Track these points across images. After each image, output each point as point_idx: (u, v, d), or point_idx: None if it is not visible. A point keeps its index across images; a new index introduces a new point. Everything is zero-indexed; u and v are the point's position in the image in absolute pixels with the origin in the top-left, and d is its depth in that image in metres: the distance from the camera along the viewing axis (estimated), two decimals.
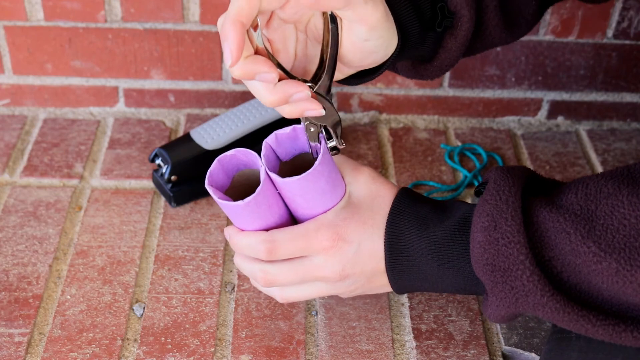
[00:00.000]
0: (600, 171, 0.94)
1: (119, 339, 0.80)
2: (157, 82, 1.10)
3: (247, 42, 0.58)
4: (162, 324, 0.81)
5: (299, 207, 0.69)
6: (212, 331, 0.81)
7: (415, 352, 0.79)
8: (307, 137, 0.66)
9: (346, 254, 0.68)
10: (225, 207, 0.67)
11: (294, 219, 0.72)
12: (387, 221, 0.68)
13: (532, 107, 1.13)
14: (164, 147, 0.96)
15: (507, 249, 0.60)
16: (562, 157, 1.08)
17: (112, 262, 0.88)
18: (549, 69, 1.10)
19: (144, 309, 0.83)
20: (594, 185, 0.60)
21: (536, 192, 0.65)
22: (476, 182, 1.02)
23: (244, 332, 0.81)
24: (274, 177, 0.65)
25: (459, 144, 1.09)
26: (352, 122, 1.13)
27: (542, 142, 1.10)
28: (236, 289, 0.86)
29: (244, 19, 0.57)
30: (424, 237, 0.66)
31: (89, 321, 0.81)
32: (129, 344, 0.79)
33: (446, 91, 1.12)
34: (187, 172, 0.94)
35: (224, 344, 0.80)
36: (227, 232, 0.71)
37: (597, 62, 1.09)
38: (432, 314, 0.83)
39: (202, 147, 0.95)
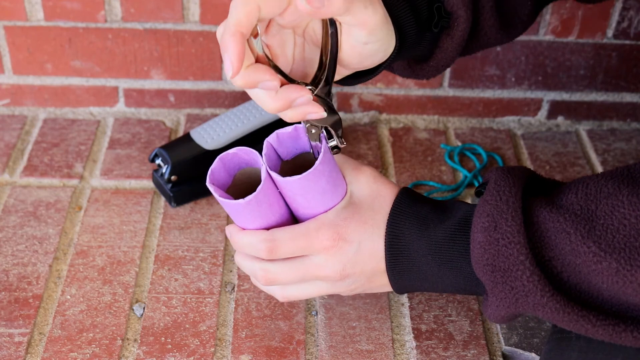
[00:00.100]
0: (600, 171, 0.94)
1: (119, 339, 0.80)
2: (157, 82, 1.10)
3: (248, 51, 0.59)
4: (162, 324, 0.81)
5: (300, 207, 0.69)
6: (212, 331, 0.81)
7: (415, 352, 0.79)
8: (308, 137, 0.66)
9: (346, 254, 0.68)
10: (226, 205, 0.67)
11: (294, 218, 0.72)
12: (387, 221, 0.68)
13: (532, 107, 1.13)
14: (164, 147, 0.96)
15: (507, 249, 0.60)
16: (562, 157, 1.08)
17: (112, 262, 0.88)
18: (549, 69, 1.10)
19: (144, 309, 0.83)
20: (594, 185, 0.60)
21: (536, 193, 0.65)
22: (476, 182, 1.02)
23: (244, 332, 0.81)
24: (275, 176, 0.65)
25: (459, 144, 1.09)
26: (352, 122, 1.13)
27: (542, 142, 1.10)
28: (236, 289, 0.86)
29: (244, 29, 0.57)
30: (425, 237, 0.66)
31: (89, 321, 0.81)
32: (129, 344, 0.79)
33: (446, 91, 1.12)
34: (187, 172, 0.94)
35: (224, 344, 0.80)
36: (228, 231, 0.71)
37: (597, 62, 1.09)
38: (432, 314, 0.83)
39: (202, 147, 0.95)
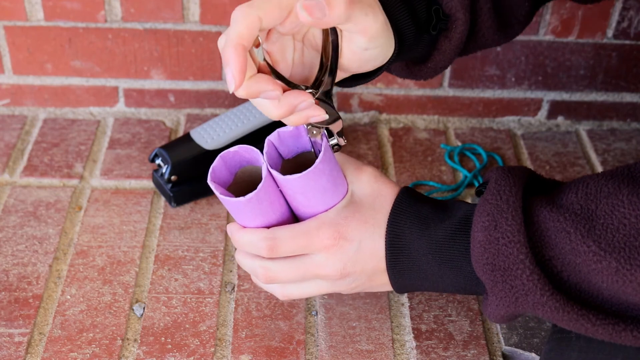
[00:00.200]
0: (600, 171, 0.94)
1: (119, 339, 0.80)
2: (157, 82, 1.10)
3: (250, 61, 0.59)
4: (162, 324, 0.81)
5: (301, 205, 0.69)
6: (212, 331, 0.81)
7: (415, 352, 0.79)
8: (309, 138, 0.66)
9: (347, 253, 0.68)
10: (227, 203, 0.67)
11: (295, 216, 0.72)
12: (388, 220, 0.68)
13: (532, 107, 1.13)
14: (164, 147, 0.96)
15: (507, 248, 0.60)
16: (562, 157, 1.08)
17: (112, 262, 0.88)
18: (549, 69, 1.10)
19: (144, 309, 0.83)
20: (594, 184, 0.60)
21: (537, 192, 0.65)
22: (476, 182, 1.02)
23: (244, 332, 0.81)
24: (276, 174, 0.65)
25: (459, 144, 1.09)
26: (352, 122, 1.13)
27: (542, 142, 1.10)
28: (236, 289, 0.86)
29: (245, 41, 0.57)
30: (425, 236, 0.66)
31: (89, 321, 0.81)
32: (129, 344, 0.79)
33: (446, 91, 1.12)
34: (187, 172, 0.94)
35: (224, 344, 0.80)
36: (229, 229, 0.71)
37: (597, 62, 1.09)
38: (432, 314, 0.83)
39: (202, 147, 0.95)
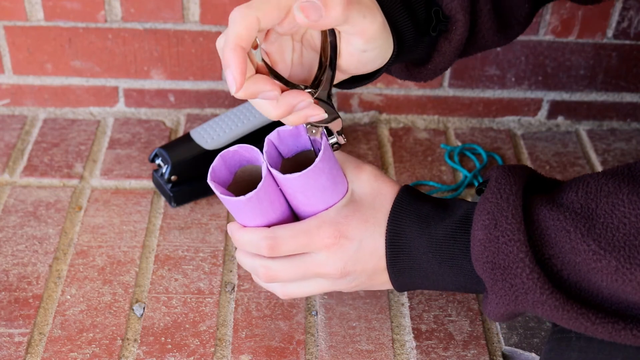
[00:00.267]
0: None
1: (119, 339, 0.80)
2: (157, 82, 1.10)
3: (248, 62, 0.59)
4: (162, 324, 0.81)
5: (301, 204, 0.69)
6: (212, 331, 0.81)
7: (415, 352, 0.79)
8: (309, 137, 0.66)
9: (347, 252, 0.68)
10: (227, 202, 0.67)
11: (295, 215, 0.72)
12: (388, 219, 0.68)
13: (532, 107, 1.13)
14: (164, 147, 0.96)
15: (507, 246, 0.60)
16: (562, 157, 1.08)
17: (112, 262, 0.88)
18: (549, 69, 1.10)
19: (144, 309, 0.83)
20: (595, 183, 0.60)
21: (537, 191, 0.65)
22: (476, 182, 1.02)
23: (244, 332, 0.81)
24: (275, 173, 0.65)
25: (459, 144, 1.09)
26: (352, 122, 1.13)
27: (542, 142, 1.10)
28: (236, 289, 0.85)
29: (244, 43, 0.57)
30: (425, 235, 0.66)
31: (89, 321, 0.81)
32: (129, 344, 0.79)
33: (446, 91, 1.12)
34: (187, 172, 0.94)
35: (224, 344, 0.80)
36: (230, 228, 0.71)
37: (597, 62, 1.09)
38: (432, 314, 0.83)
39: (202, 147, 0.95)
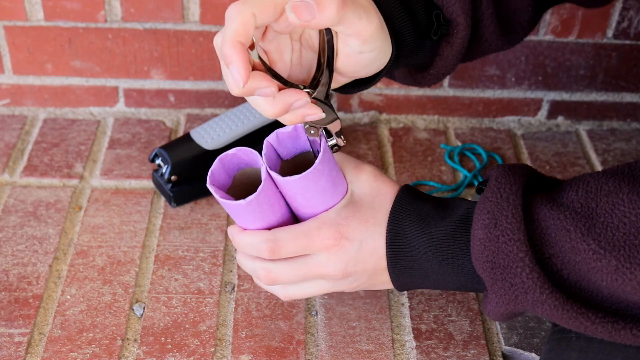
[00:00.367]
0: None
1: (119, 339, 0.80)
2: (157, 82, 1.10)
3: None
4: (162, 324, 0.81)
5: (300, 206, 0.69)
6: (212, 331, 0.81)
7: (415, 352, 0.79)
8: (308, 137, 0.66)
9: (348, 252, 0.68)
10: (227, 206, 0.67)
11: (295, 217, 0.72)
12: (388, 219, 0.68)
13: (532, 107, 1.13)
14: (164, 147, 0.96)
15: (507, 246, 0.60)
16: (562, 157, 1.08)
17: (112, 262, 0.88)
18: (549, 69, 1.10)
19: (144, 309, 0.83)
20: (595, 183, 0.60)
21: (537, 190, 0.65)
22: (476, 182, 1.02)
23: (244, 332, 0.81)
24: (275, 175, 0.65)
25: (459, 144, 1.09)
26: (352, 122, 1.13)
27: (542, 142, 1.10)
28: (236, 289, 0.85)
29: (242, 38, 0.57)
30: (425, 234, 0.66)
31: (89, 321, 0.81)
32: (129, 344, 0.79)
33: (446, 91, 1.12)
34: (187, 172, 0.94)
35: (224, 344, 0.80)
36: (230, 232, 0.71)
37: (597, 62, 1.09)
38: (432, 314, 0.83)
39: (202, 147, 0.95)
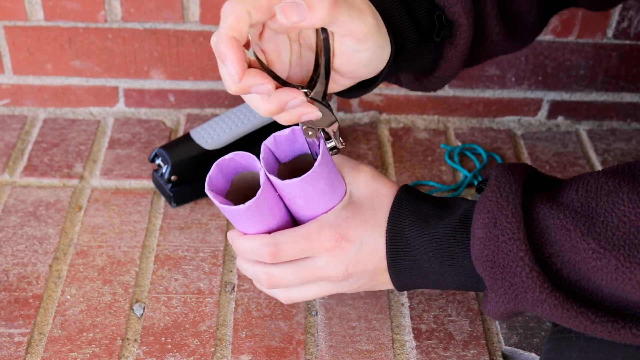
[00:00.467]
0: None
1: (119, 339, 0.80)
2: (157, 82, 1.10)
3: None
4: (162, 324, 0.81)
5: (300, 209, 0.69)
6: (212, 331, 0.81)
7: (415, 352, 0.79)
8: (306, 139, 0.66)
9: (349, 254, 0.68)
10: (226, 211, 0.66)
11: (295, 220, 0.72)
12: (388, 219, 0.68)
13: (532, 107, 1.13)
14: (164, 147, 0.96)
15: (507, 245, 0.60)
16: (562, 157, 1.08)
17: (112, 262, 0.88)
18: (549, 69, 1.10)
19: (144, 309, 0.83)
20: (595, 182, 0.60)
21: (537, 189, 0.65)
22: (476, 182, 1.02)
23: (244, 332, 0.81)
24: (274, 179, 0.65)
25: (459, 144, 1.09)
26: (352, 122, 1.13)
27: (542, 142, 1.10)
28: (236, 289, 0.86)
29: (236, 34, 0.57)
30: (425, 234, 0.66)
31: (89, 321, 0.81)
32: (129, 344, 0.79)
33: (446, 91, 1.12)
34: (187, 172, 0.94)
35: (224, 344, 0.80)
36: (230, 236, 0.71)
37: (597, 62, 1.09)
38: (432, 314, 0.83)
39: (202, 147, 0.95)
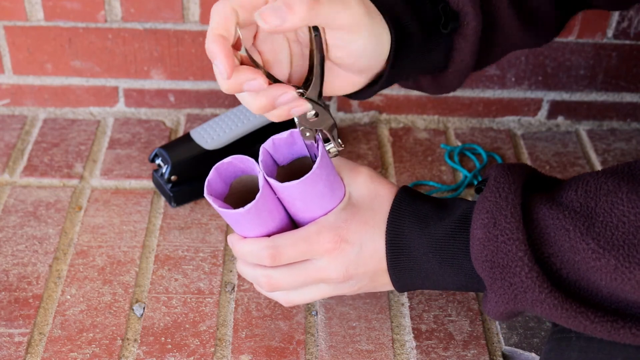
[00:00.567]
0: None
1: (119, 339, 0.80)
2: (157, 82, 1.10)
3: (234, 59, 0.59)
4: (162, 324, 0.81)
5: (299, 211, 0.69)
6: (212, 331, 0.81)
7: (415, 352, 0.79)
8: (304, 141, 0.66)
9: (349, 255, 0.68)
10: (225, 215, 0.66)
11: (294, 222, 0.72)
12: (387, 220, 0.68)
13: (532, 107, 1.13)
14: (164, 147, 0.96)
15: (506, 245, 0.60)
16: (562, 157, 1.08)
17: (112, 262, 0.88)
18: (549, 69, 1.10)
19: (144, 309, 0.83)
20: (594, 182, 0.60)
21: (537, 190, 0.65)
22: (476, 182, 1.02)
23: (244, 332, 0.81)
24: (273, 182, 0.65)
25: (459, 144, 1.09)
26: (352, 122, 1.13)
27: (542, 142, 1.10)
28: (236, 289, 0.86)
29: (222, 31, 0.58)
30: (425, 235, 0.66)
31: (89, 321, 0.81)
32: (129, 344, 0.79)
33: None
34: (187, 172, 0.94)
35: (224, 344, 0.80)
36: (230, 240, 0.71)
37: (597, 62, 1.09)
38: (432, 314, 0.83)
39: (202, 147, 0.95)
